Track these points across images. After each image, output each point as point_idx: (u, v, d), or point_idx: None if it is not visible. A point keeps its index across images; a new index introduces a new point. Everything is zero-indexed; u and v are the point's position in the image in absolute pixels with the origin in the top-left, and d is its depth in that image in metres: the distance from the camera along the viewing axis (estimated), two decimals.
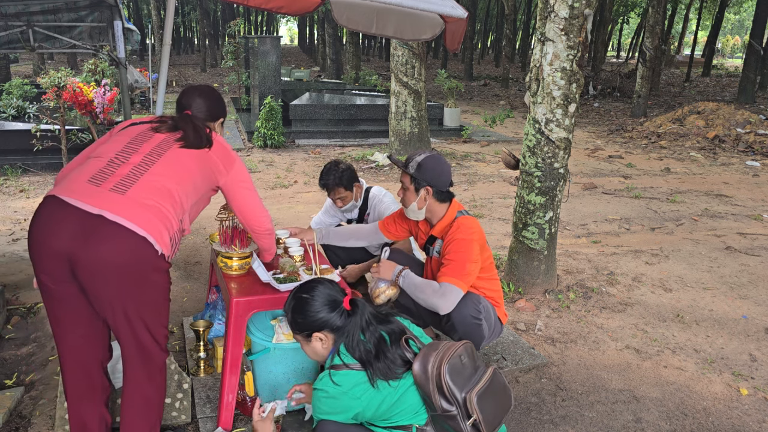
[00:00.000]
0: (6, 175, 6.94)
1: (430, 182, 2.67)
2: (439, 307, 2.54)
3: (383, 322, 2.02)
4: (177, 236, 2.02)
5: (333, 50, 22.42)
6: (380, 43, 41.25)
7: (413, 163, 2.68)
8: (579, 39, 3.56)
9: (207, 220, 5.40)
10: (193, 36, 46.58)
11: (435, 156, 2.72)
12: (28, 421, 2.52)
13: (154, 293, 1.99)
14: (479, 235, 2.68)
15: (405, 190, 2.75)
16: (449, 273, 2.57)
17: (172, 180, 2.03)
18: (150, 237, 1.89)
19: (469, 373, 1.98)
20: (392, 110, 8.94)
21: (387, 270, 2.68)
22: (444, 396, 1.88)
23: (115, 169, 1.99)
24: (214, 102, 2.41)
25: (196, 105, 2.35)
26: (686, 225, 5.76)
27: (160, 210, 1.95)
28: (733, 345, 3.41)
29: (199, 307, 3.63)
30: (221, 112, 2.45)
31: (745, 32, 52.67)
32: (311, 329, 1.97)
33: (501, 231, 5.43)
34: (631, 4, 30.05)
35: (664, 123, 11.55)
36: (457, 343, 2.02)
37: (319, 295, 1.98)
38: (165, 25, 2.79)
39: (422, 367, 1.91)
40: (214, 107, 2.41)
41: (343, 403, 1.87)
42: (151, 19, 24.58)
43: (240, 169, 2.26)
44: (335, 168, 3.36)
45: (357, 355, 1.91)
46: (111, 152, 2.06)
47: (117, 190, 1.92)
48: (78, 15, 3.97)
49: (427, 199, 2.71)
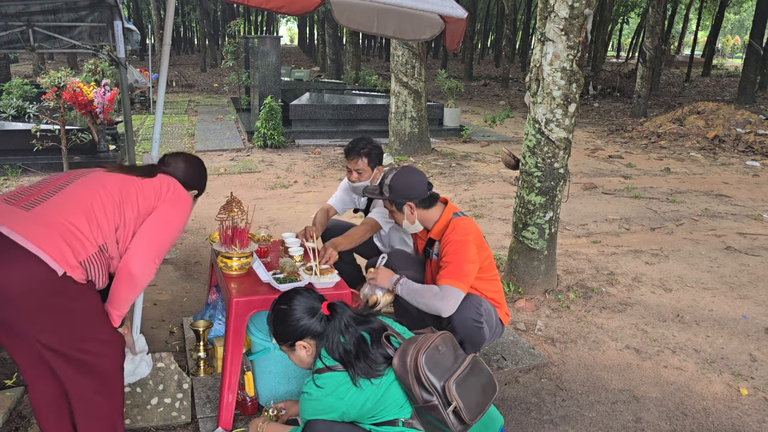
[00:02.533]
0: (6, 175, 6.94)
1: (408, 197, 2.71)
2: (441, 309, 2.55)
3: (363, 322, 2.06)
4: (96, 259, 1.89)
5: (333, 50, 22.42)
6: (380, 43, 41.25)
7: (385, 188, 2.74)
8: (579, 39, 3.56)
9: (207, 220, 5.40)
10: (193, 36, 46.58)
11: (402, 170, 2.75)
12: (28, 421, 2.52)
13: (66, 319, 1.83)
14: (475, 235, 2.69)
15: (392, 213, 2.81)
16: (448, 275, 2.57)
17: (86, 199, 1.90)
18: (45, 256, 1.74)
19: (449, 362, 2.01)
20: (392, 110, 8.94)
21: (384, 278, 2.69)
22: (423, 387, 1.91)
23: (35, 190, 1.93)
24: (194, 172, 2.32)
25: (175, 166, 2.28)
26: (686, 225, 5.76)
27: (67, 228, 1.82)
28: (733, 345, 3.41)
29: (199, 307, 3.63)
30: (197, 185, 2.36)
31: (745, 32, 52.65)
32: (294, 338, 2.02)
33: (501, 231, 5.43)
34: (631, 4, 30.05)
35: (664, 123, 11.55)
36: (435, 334, 2.06)
37: (298, 304, 2.03)
38: (165, 25, 2.79)
39: (401, 361, 1.95)
40: (192, 177, 2.31)
41: (327, 403, 1.91)
42: (151, 19, 24.58)
43: (174, 201, 2.10)
44: (368, 140, 3.26)
45: (337, 357, 1.96)
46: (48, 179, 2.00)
47: (25, 207, 1.83)
48: (78, 15, 3.96)
49: (414, 212, 2.74)
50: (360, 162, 3.20)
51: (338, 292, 2.49)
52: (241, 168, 7.84)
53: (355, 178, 3.24)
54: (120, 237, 1.98)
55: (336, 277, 2.57)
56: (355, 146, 3.22)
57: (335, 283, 2.54)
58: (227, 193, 5.49)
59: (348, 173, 3.28)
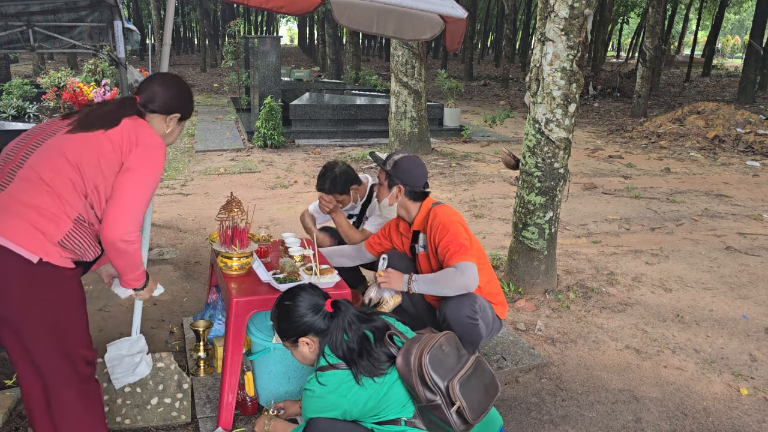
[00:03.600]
0: None
1: (403, 181, 2.75)
2: (466, 285, 2.54)
3: (366, 321, 2.06)
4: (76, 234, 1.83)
5: (333, 50, 22.42)
6: (380, 43, 41.25)
7: (390, 161, 2.79)
8: (579, 39, 3.56)
9: (207, 220, 5.40)
10: (193, 36, 46.58)
11: (413, 157, 2.82)
12: (28, 421, 2.52)
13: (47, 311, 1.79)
14: (458, 218, 2.73)
15: (380, 185, 2.84)
16: (454, 254, 2.58)
17: (47, 174, 1.80)
18: (15, 246, 1.70)
19: (452, 361, 2.02)
20: (392, 110, 8.94)
21: (397, 280, 2.65)
22: (427, 386, 1.92)
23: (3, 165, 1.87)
24: (171, 93, 2.09)
25: (149, 92, 2.06)
26: (686, 225, 5.76)
27: (34, 211, 1.76)
28: (733, 345, 3.41)
29: (199, 307, 3.63)
30: (179, 107, 2.12)
31: (745, 32, 52.65)
32: (297, 334, 2.02)
33: (501, 231, 5.43)
34: (631, 4, 30.04)
35: (664, 123, 11.55)
36: (439, 334, 2.06)
37: (302, 300, 2.03)
38: (165, 25, 2.79)
39: (405, 360, 1.95)
40: (170, 99, 2.08)
41: (329, 401, 1.91)
42: (151, 19, 24.58)
43: (141, 156, 1.91)
44: (330, 173, 3.25)
45: (340, 354, 1.96)
46: (11, 148, 1.91)
47: None
48: (78, 15, 3.96)
49: (399, 197, 2.77)
50: (335, 197, 3.28)
51: (338, 292, 2.49)
52: (241, 168, 7.84)
53: (340, 207, 3.34)
54: (94, 201, 1.88)
55: (336, 277, 2.57)
56: (322, 187, 3.25)
57: (335, 283, 2.54)
58: (227, 193, 5.49)
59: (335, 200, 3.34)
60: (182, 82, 2.18)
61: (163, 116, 2.09)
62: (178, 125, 2.16)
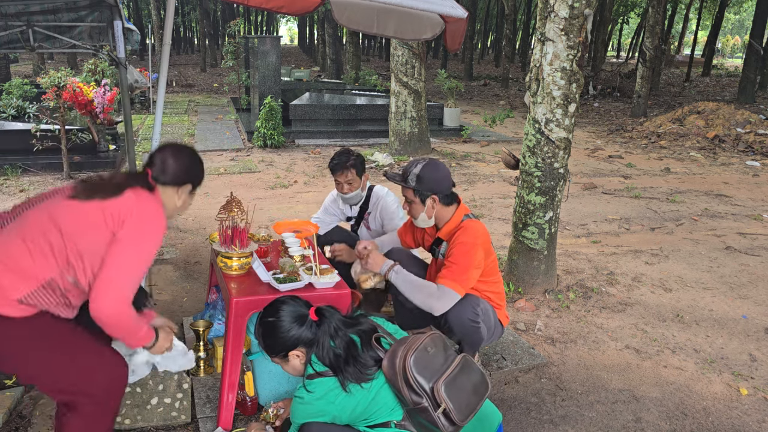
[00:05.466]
0: (6, 175, 6.93)
1: (434, 190, 2.66)
2: (434, 308, 2.55)
3: (353, 325, 2.04)
4: (42, 295, 1.84)
5: (333, 50, 22.42)
6: (380, 43, 41.24)
7: (411, 176, 2.67)
8: (579, 39, 3.56)
9: (207, 220, 5.40)
10: (193, 36, 46.57)
11: (431, 163, 2.70)
12: (28, 421, 2.52)
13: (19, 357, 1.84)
14: (484, 239, 2.66)
15: (410, 203, 2.72)
16: (449, 276, 2.56)
17: (33, 230, 1.85)
18: None
19: (438, 363, 1.99)
20: (392, 110, 8.94)
21: (376, 263, 2.68)
22: (412, 389, 1.90)
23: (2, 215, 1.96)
24: (183, 165, 2.10)
25: (162, 166, 2.07)
26: (686, 225, 5.76)
27: (5, 263, 1.81)
28: (733, 345, 3.41)
29: (199, 307, 3.63)
30: (189, 178, 2.13)
31: (745, 32, 52.64)
32: (286, 349, 1.99)
33: (501, 231, 5.43)
34: (631, 4, 30.04)
35: (664, 123, 11.55)
36: (424, 335, 2.03)
37: (285, 314, 2.00)
38: (165, 25, 2.79)
39: (390, 363, 1.93)
40: (182, 172, 2.10)
41: (317, 407, 1.90)
42: (151, 19, 24.57)
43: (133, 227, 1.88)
44: (349, 151, 3.39)
45: (327, 362, 1.94)
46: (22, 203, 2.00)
47: None
48: (78, 15, 3.96)
49: (435, 207, 2.70)
50: (349, 174, 3.33)
51: (338, 292, 2.49)
52: (241, 168, 7.84)
53: (347, 190, 3.38)
54: (77, 269, 1.87)
55: (336, 276, 2.57)
56: (341, 161, 3.33)
57: (335, 283, 2.54)
58: (227, 193, 5.49)
59: (338, 186, 3.40)
60: (193, 152, 2.19)
61: (175, 188, 2.11)
62: (189, 196, 2.18)
